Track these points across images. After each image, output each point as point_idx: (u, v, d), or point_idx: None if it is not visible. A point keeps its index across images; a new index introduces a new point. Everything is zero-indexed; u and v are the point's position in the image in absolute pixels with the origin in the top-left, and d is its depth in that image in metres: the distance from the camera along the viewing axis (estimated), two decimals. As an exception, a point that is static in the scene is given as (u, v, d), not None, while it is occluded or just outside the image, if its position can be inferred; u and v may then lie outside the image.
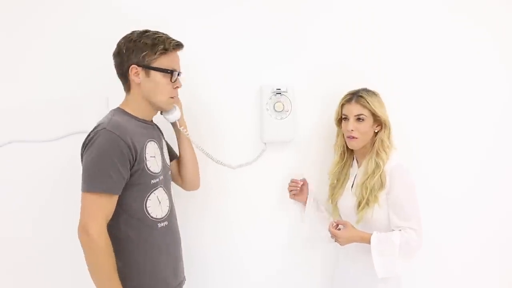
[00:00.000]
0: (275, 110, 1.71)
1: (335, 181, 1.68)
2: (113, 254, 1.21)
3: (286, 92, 1.71)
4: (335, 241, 1.54)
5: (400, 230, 1.47)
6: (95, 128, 1.27)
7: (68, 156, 1.66)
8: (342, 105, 1.60)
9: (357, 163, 1.64)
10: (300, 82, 1.76)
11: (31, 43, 1.63)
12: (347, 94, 1.59)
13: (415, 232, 1.46)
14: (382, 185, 1.49)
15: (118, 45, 1.34)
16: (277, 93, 1.71)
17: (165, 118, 1.47)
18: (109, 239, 1.21)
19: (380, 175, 1.49)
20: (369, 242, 1.47)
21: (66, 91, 1.65)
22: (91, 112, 1.64)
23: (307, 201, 1.73)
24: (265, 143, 1.76)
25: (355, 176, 1.61)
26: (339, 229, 1.51)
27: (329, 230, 1.53)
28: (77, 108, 1.66)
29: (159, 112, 1.44)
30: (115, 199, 1.24)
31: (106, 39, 1.63)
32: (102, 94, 1.65)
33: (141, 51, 1.29)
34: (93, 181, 1.21)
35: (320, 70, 1.78)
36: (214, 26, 1.72)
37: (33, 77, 1.64)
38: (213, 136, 1.73)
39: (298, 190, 1.72)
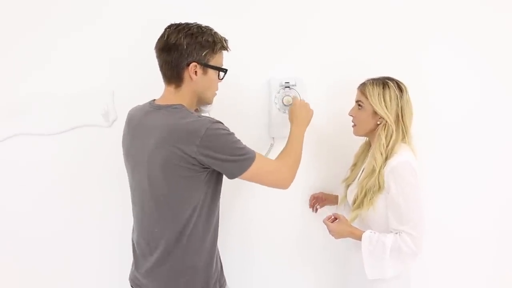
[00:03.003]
0: (284, 104, 1.67)
1: (354, 164, 1.62)
2: None
3: (295, 85, 1.68)
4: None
5: (396, 233, 1.37)
6: (193, 130, 1.17)
7: (73, 149, 1.67)
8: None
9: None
10: (309, 75, 1.71)
11: (36, 39, 1.62)
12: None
13: (410, 237, 1.34)
14: (380, 188, 1.39)
15: (175, 38, 1.22)
16: (285, 87, 1.67)
17: (203, 111, 1.44)
18: None
19: (378, 177, 1.39)
20: (360, 239, 1.41)
21: (72, 84, 1.64)
22: (97, 106, 1.63)
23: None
24: (273, 138, 1.73)
25: (363, 167, 1.53)
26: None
27: (324, 222, 1.49)
28: (83, 102, 1.64)
29: None
30: None
31: (111, 33, 1.63)
32: (108, 88, 1.65)
33: (203, 49, 1.25)
34: (247, 152, 1.24)
35: (329, 63, 1.74)
36: (221, 19, 1.68)
37: (38, 71, 1.63)
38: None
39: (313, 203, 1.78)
